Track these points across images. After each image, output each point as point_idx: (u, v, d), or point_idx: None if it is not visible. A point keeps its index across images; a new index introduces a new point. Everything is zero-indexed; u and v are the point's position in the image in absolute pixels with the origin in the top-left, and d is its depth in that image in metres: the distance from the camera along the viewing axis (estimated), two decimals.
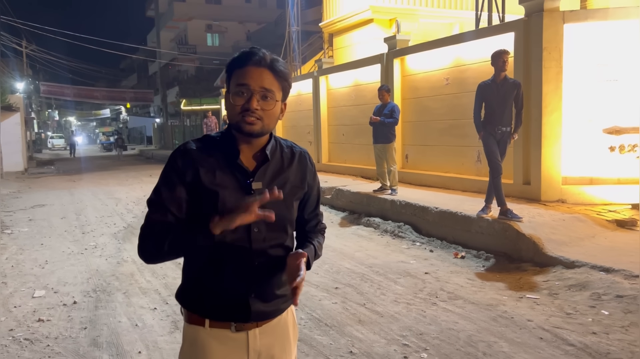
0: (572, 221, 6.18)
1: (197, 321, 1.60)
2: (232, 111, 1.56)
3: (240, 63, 1.55)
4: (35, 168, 24.09)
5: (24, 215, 10.32)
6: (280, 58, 1.62)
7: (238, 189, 1.56)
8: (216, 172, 1.56)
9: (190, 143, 1.62)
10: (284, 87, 1.58)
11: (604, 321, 3.94)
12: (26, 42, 30.66)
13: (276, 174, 1.62)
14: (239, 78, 1.53)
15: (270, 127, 1.58)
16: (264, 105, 1.53)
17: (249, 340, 1.61)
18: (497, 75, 6.02)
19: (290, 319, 1.73)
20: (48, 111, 57.88)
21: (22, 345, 3.95)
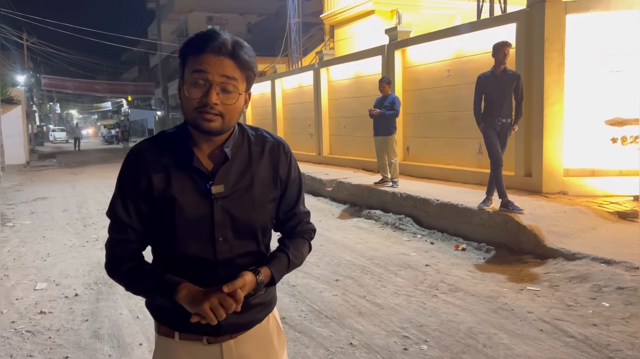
0: (574, 213, 6.17)
1: (167, 333, 1.47)
2: (187, 105, 1.35)
3: (197, 49, 1.33)
4: (37, 161, 24.12)
5: (25, 207, 10.34)
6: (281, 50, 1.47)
7: (197, 194, 1.39)
8: (171, 176, 1.39)
9: (143, 143, 1.45)
10: (248, 76, 1.38)
11: (605, 313, 3.94)
12: (27, 34, 30.59)
13: (241, 173, 1.43)
14: (195, 66, 1.32)
15: (232, 122, 1.38)
16: (224, 99, 1.33)
17: (224, 352, 1.46)
18: (497, 67, 6.00)
19: (273, 326, 1.56)
20: (49, 104, 57.85)
21: (24, 337, 3.97)
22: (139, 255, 1.45)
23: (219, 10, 40.70)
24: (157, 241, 1.45)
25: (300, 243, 1.56)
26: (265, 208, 1.47)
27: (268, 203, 1.47)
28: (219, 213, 1.39)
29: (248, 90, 1.42)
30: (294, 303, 4.44)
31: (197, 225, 1.39)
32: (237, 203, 1.41)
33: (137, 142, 1.69)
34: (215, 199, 1.39)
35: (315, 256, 5.84)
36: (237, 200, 1.41)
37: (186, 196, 1.38)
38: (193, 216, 1.39)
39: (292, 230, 1.57)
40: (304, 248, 1.57)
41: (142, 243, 1.46)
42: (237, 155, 1.43)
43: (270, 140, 1.49)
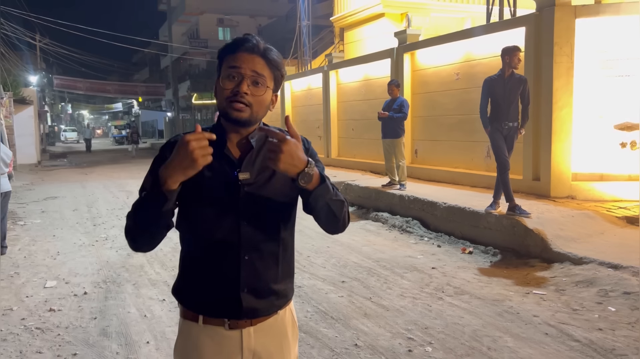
0: (581, 217, 6.15)
1: (191, 317, 1.57)
2: (220, 96, 1.49)
3: (233, 49, 1.50)
4: (48, 160, 24.37)
5: (36, 207, 10.47)
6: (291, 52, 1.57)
7: (225, 180, 1.51)
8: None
9: (180, 135, 1.50)
10: (276, 76, 1.52)
11: (611, 317, 3.93)
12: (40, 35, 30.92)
13: (265, 163, 1.50)
14: (230, 62, 1.48)
15: (259, 115, 1.51)
16: (254, 91, 1.47)
17: (243, 339, 1.55)
18: (505, 70, 5.99)
19: (288, 318, 1.65)
20: (61, 104, 58.37)
21: (33, 334, 4.03)
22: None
23: (229, 12, 40.91)
24: (186, 224, 1.55)
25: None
26: (287, 195, 1.55)
27: (289, 191, 1.54)
28: (244, 198, 1.50)
29: (276, 91, 1.55)
30: (300, 304, 4.46)
31: (224, 209, 1.50)
32: (261, 190, 1.52)
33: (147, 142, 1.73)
34: (241, 185, 1.50)
35: (321, 258, 5.87)
36: (261, 187, 1.52)
37: (215, 182, 1.50)
38: (220, 200, 1.50)
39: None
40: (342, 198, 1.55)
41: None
42: (262, 147, 1.53)
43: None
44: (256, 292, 1.54)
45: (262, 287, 1.54)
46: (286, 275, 1.63)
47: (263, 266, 1.54)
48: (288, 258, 1.63)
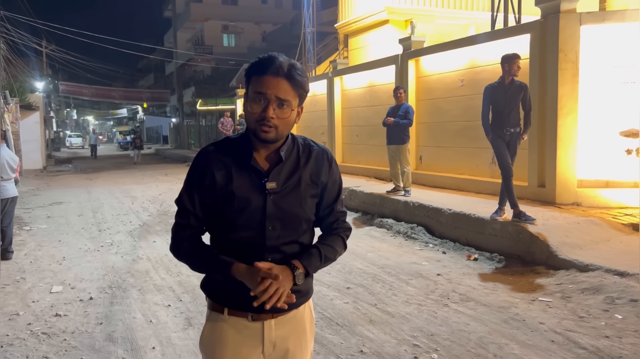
0: (587, 224, 6.13)
1: (217, 309, 1.71)
2: (249, 117, 1.62)
3: (259, 70, 1.60)
4: (54, 166, 24.47)
5: (42, 212, 10.51)
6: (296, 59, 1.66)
7: (253, 188, 1.63)
8: (232, 172, 1.64)
9: (209, 146, 1.72)
10: (300, 94, 1.63)
11: (617, 325, 3.92)
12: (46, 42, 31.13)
13: (291, 173, 1.67)
14: (257, 87, 1.58)
15: (284, 133, 1.64)
16: (279, 114, 1.58)
17: (265, 330, 1.68)
18: (505, 78, 6.06)
19: (307, 314, 1.79)
20: (67, 110, 58.68)
21: (39, 339, 4.04)
22: (199, 238, 1.72)
23: (234, 19, 41.15)
24: (217, 228, 1.70)
25: (334, 239, 1.77)
26: (308, 204, 1.71)
27: (311, 200, 1.71)
28: (271, 206, 1.64)
29: (300, 105, 1.67)
30: None
31: (252, 215, 1.63)
32: (286, 199, 1.65)
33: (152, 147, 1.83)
34: (268, 194, 1.64)
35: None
36: (286, 195, 1.66)
37: (244, 191, 1.64)
38: (249, 207, 1.63)
39: (329, 226, 1.79)
40: (337, 243, 1.77)
41: (201, 229, 1.72)
42: (289, 159, 1.69)
43: (316, 148, 1.75)
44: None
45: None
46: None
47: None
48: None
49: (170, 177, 17.45)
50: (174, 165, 24.24)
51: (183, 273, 5.78)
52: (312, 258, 1.68)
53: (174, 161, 26.90)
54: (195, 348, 3.78)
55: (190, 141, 35.69)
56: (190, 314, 4.49)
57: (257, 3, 42.16)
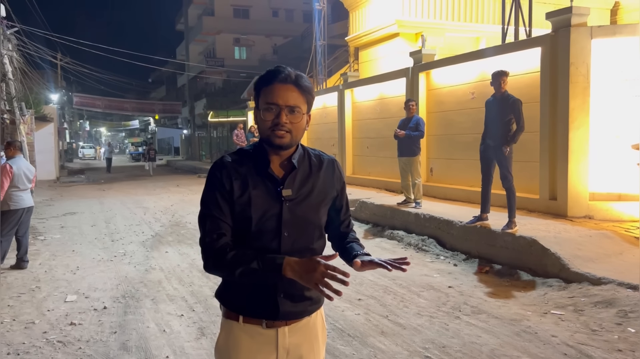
0: (599, 237, 6.11)
1: (232, 317, 1.75)
2: (262, 126, 1.68)
3: (268, 81, 1.67)
4: (67, 177, 24.76)
5: (56, 222, 10.64)
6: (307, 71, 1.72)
7: (269, 196, 1.69)
8: (249, 181, 1.69)
9: (226, 156, 1.76)
10: (309, 100, 1.70)
11: (631, 338, 3.90)
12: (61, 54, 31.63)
13: (304, 181, 1.73)
14: (268, 97, 1.65)
15: (298, 138, 1.70)
16: (292, 119, 1.65)
17: (278, 337, 1.72)
18: (496, 92, 6.49)
19: (319, 322, 1.84)
20: (79, 121, 59.39)
21: (55, 347, 4.10)
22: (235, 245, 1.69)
23: (245, 32, 41.57)
24: (234, 234, 1.71)
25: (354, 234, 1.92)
26: (321, 210, 1.78)
27: (323, 207, 1.79)
28: (286, 213, 1.69)
29: (308, 112, 1.73)
30: None
31: (268, 222, 1.68)
32: (301, 205, 1.71)
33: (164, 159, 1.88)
34: (284, 201, 1.69)
35: None
36: (300, 202, 1.71)
37: (261, 198, 1.68)
38: (265, 214, 1.68)
39: (339, 226, 1.88)
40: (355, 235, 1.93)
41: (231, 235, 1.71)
42: (301, 167, 1.75)
43: (326, 157, 1.84)
44: (292, 297, 1.71)
45: (297, 293, 1.72)
46: None
47: None
48: None
49: (181, 188, 17.58)
50: (186, 176, 24.41)
51: (195, 284, 5.84)
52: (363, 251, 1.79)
53: (185, 172, 27.08)
54: (209, 358, 3.82)
55: (201, 152, 35.93)
56: (203, 324, 4.53)
57: (268, 16, 42.60)
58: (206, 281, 5.91)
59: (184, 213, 11.40)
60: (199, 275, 6.17)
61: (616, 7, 16.51)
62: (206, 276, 6.10)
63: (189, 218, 10.75)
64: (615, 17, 16.62)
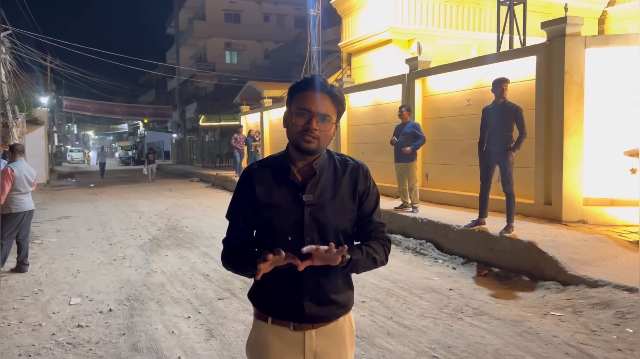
0: (594, 241, 6.27)
1: (262, 317, 1.81)
2: (292, 130, 1.72)
3: (303, 87, 1.72)
4: (57, 180, 24.57)
5: (51, 226, 10.61)
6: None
7: (291, 201, 1.73)
8: (272, 187, 1.75)
9: (254, 164, 1.84)
10: (339, 110, 1.75)
11: (629, 338, 4.03)
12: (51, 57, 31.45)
13: (328, 186, 1.76)
14: (301, 103, 1.70)
15: (324, 146, 1.74)
16: (322, 127, 1.69)
17: (305, 340, 1.76)
18: (497, 100, 6.54)
19: (347, 326, 1.85)
20: (68, 125, 58.92)
21: (65, 349, 4.14)
22: (243, 247, 1.80)
23: (237, 36, 41.65)
24: (260, 239, 1.80)
25: (374, 244, 1.80)
26: (346, 216, 1.78)
27: (348, 212, 1.79)
28: (308, 218, 1.72)
29: (337, 122, 1.77)
30: None
31: (291, 227, 1.72)
32: (323, 211, 1.73)
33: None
34: (306, 206, 1.72)
35: None
36: (323, 208, 1.74)
37: (283, 204, 1.74)
38: (288, 219, 1.72)
39: (368, 234, 1.83)
40: (377, 246, 1.80)
41: (246, 240, 1.82)
42: (325, 172, 1.78)
43: (352, 162, 1.84)
44: (318, 300, 1.75)
45: (323, 296, 1.76)
46: (346, 287, 1.84)
47: (324, 277, 1.75)
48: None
49: (175, 193, 17.56)
50: (177, 180, 24.36)
51: (198, 286, 5.89)
52: (354, 248, 1.73)
53: (177, 176, 27.02)
54: (220, 358, 3.88)
55: (192, 157, 35.83)
56: (211, 326, 4.59)
57: (259, 21, 42.73)
58: (209, 284, 5.97)
59: (180, 217, 11.42)
60: (201, 278, 6.23)
61: (604, 16, 16.87)
62: (209, 280, 6.16)
63: (185, 222, 10.77)
64: (603, 26, 16.97)
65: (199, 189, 19.13)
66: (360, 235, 1.85)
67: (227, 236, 1.83)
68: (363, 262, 1.73)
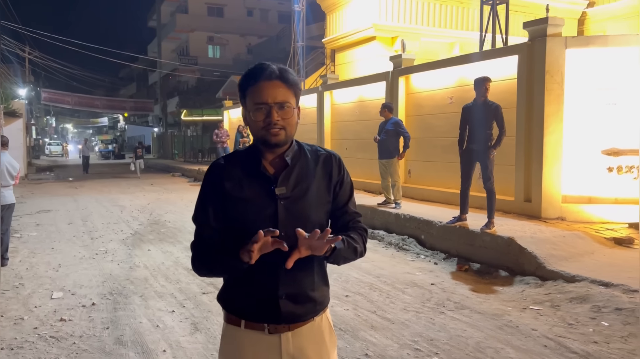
0: (572, 238, 6.42)
1: (234, 322, 1.70)
2: (255, 127, 1.64)
3: (253, 80, 1.63)
4: (35, 174, 24.20)
5: (30, 219, 10.47)
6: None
7: (264, 195, 1.65)
8: (243, 182, 1.66)
9: (220, 159, 1.75)
10: (296, 93, 1.67)
11: (605, 331, 4.15)
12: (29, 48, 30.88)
13: (300, 178, 1.68)
14: (255, 97, 1.61)
15: (292, 133, 1.67)
16: (283, 115, 1.61)
17: (282, 343, 1.66)
18: (478, 98, 6.65)
19: (325, 325, 1.76)
20: (46, 117, 57.94)
21: (48, 342, 4.12)
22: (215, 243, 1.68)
23: (220, 30, 41.33)
24: (231, 236, 1.66)
25: (353, 234, 1.73)
26: (322, 208, 1.72)
27: (323, 204, 1.72)
28: (282, 211, 1.64)
29: (297, 105, 1.69)
30: None
31: (264, 222, 1.61)
32: (297, 204, 1.66)
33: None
34: (278, 199, 1.64)
35: None
36: (296, 200, 1.66)
37: (255, 198, 1.65)
38: (261, 214, 1.64)
39: (345, 225, 1.76)
40: (357, 236, 1.73)
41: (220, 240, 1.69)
42: (296, 164, 1.70)
43: (324, 152, 1.77)
44: (294, 298, 1.66)
45: (300, 294, 1.67)
46: (322, 283, 1.76)
47: (300, 274, 1.66)
48: (323, 267, 1.76)
49: (156, 187, 17.43)
50: (159, 174, 24.15)
51: (182, 281, 5.89)
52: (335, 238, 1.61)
53: (158, 171, 26.76)
54: (206, 351, 3.91)
55: (174, 151, 35.55)
56: (196, 319, 4.60)
57: (243, 16, 42.46)
58: (193, 278, 5.97)
59: (162, 212, 11.35)
60: (185, 273, 6.22)
61: (583, 17, 17.18)
62: (192, 274, 6.15)
63: (167, 216, 10.72)
64: (583, 27, 17.29)
65: (181, 184, 19.02)
66: (337, 226, 1.76)
67: (196, 239, 1.71)
68: (345, 252, 1.66)
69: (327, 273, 1.79)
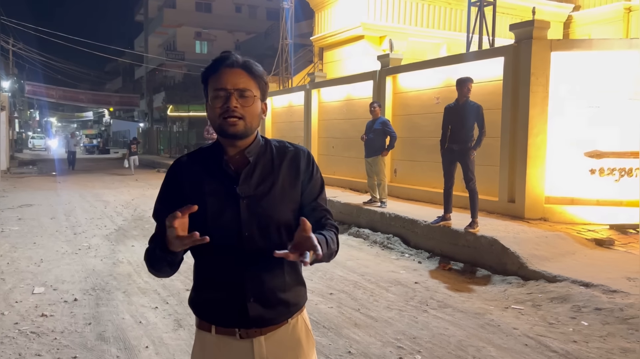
0: (554, 238, 6.50)
1: (205, 327, 1.63)
2: (213, 115, 1.55)
3: (214, 68, 1.55)
4: (17, 168, 23.87)
5: (12, 214, 10.33)
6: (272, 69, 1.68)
7: (225, 194, 1.57)
8: (204, 181, 1.58)
9: (183, 156, 1.68)
10: (261, 85, 1.58)
11: (584, 331, 4.22)
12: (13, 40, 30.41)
13: (265, 176, 1.59)
14: (215, 84, 1.53)
15: (253, 125, 1.57)
16: (243, 103, 1.52)
17: (254, 348, 1.59)
18: (460, 98, 6.69)
19: (301, 327, 1.67)
20: (30, 111, 57.13)
21: (29, 338, 4.07)
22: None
23: (207, 26, 41.11)
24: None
25: (327, 233, 1.62)
26: (288, 206, 1.61)
27: (289, 202, 1.62)
28: (245, 211, 1.55)
29: (264, 100, 1.61)
30: None
31: (227, 222, 1.55)
32: (261, 203, 1.57)
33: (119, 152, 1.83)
34: (241, 198, 1.56)
35: (308, 271, 6.03)
36: (261, 199, 1.57)
37: (216, 197, 1.57)
38: (223, 214, 1.55)
39: (318, 222, 1.65)
40: (329, 233, 1.63)
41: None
42: (261, 161, 1.61)
43: (292, 148, 1.67)
44: (263, 301, 1.58)
45: (270, 296, 1.59)
46: (295, 283, 1.66)
47: (268, 276, 1.58)
48: (295, 266, 1.66)
49: (141, 183, 17.30)
50: (144, 170, 23.95)
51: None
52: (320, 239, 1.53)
53: (143, 166, 26.53)
54: (189, 348, 3.89)
55: (159, 147, 35.28)
56: (179, 316, 4.58)
57: (231, 12, 42.27)
58: (177, 275, 5.86)
59: (146, 208, 11.26)
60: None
61: (569, 21, 17.38)
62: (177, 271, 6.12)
63: (152, 212, 10.63)
64: (568, 30, 17.49)
65: None
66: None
67: (151, 238, 1.62)
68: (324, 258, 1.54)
69: (307, 271, 1.73)
